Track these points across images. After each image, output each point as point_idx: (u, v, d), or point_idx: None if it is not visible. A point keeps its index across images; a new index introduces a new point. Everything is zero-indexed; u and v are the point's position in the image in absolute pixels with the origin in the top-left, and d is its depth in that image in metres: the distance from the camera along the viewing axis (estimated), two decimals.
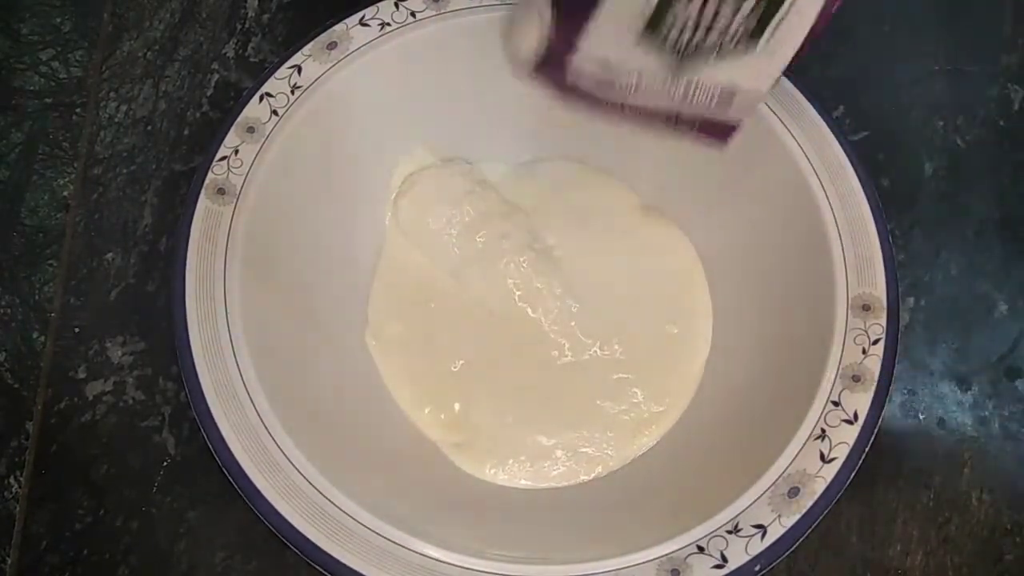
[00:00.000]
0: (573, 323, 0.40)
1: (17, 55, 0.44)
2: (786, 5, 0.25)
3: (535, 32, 0.27)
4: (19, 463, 0.37)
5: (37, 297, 0.39)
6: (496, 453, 0.38)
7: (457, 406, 0.39)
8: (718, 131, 0.31)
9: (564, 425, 0.39)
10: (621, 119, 0.31)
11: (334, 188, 0.39)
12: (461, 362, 0.40)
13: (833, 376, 0.34)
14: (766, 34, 0.25)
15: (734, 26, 0.25)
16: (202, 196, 0.36)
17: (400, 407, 0.39)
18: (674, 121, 0.30)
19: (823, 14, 0.25)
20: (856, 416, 0.33)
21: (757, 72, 0.27)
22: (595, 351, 0.40)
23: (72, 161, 0.42)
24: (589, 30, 0.25)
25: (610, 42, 0.26)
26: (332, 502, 0.32)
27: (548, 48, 0.27)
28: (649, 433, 0.38)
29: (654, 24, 0.25)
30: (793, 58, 0.27)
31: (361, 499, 0.32)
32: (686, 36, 0.25)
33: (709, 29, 0.25)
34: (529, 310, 0.40)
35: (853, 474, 0.32)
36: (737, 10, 0.24)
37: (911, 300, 0.40)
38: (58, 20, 0.45)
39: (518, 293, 0.40)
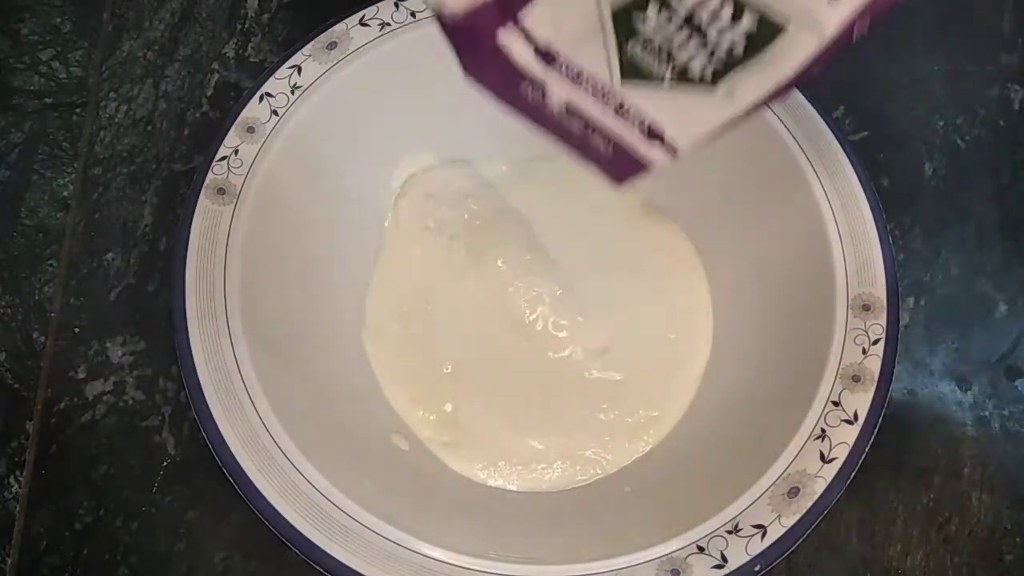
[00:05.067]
0: (571, 325, 0.40)
1: (17, 55, 0.44)
2: (764, 58, 0.22)
3: None
4: (19, 463, 0.37)
5: (37, 297, 0.39)
6: (486, 454, 0.38)
7: (449, 407, 0.39)
8: (623, 165, 0.27)
9: (560, 428, 0.39)
10: (525, 117, 0.27)
11: (334, 188, 0.39)
12: (455, 363, 0.40)
13: (833, 376, 0.34)
14: (726, 81, 0.23)
15: (697, 65, 0.23)
16: (202, 196, 0.36)
17: (393, 407, 0.39)
18: (585, 138, 0.26)
19: (796, 77, 0.23)
20: (856, 416, 0.33)
21: (698, 115, 0.24)
22: (593, 354, 0.40)
23: (72, 161, 0.42)
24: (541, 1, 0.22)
25: (560, 25, 0.22)
26: (332, 502, 0.32)
27: (480, 9, 0.22)
28: (647, 437, 0.38)
29: (622, 16, 0.22)
30: (744, 114, 0.24)
31: (361, 499, 0.32)
32: (656, 45, 0.22)
33: (673, 53, 0.22)
34: (528, 312, 0.40)
35: (853, 474, 0.32)
36: (717, 42, 0.22)
37: (911, 300, 0.40)
38: (58, 20, 0.45)
39: (517, 295, 0.40)
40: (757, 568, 0.31)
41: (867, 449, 0.32)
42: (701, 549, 0.31)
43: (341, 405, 0.37)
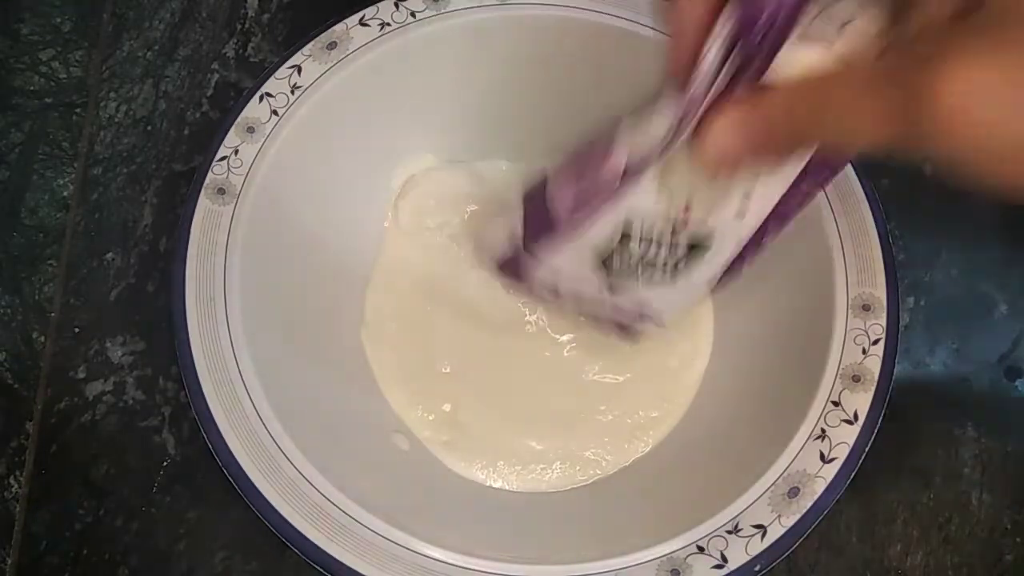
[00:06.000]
0: (571, 326, 0.40)
1: (17, 55, 0.44)
2: (703, 259, 0.31)
3: (503, 238, 0.34)
4: (19, 463, 0.37)
5: (37, 297, 0.39)
6: (485, 454, 0.38)
7: (448, 406, 0.39)
8: (625, 331, 0.37)
9: (559, 429, 0.39)
10: (553, 305, 0.38)
11: (334, 188, 0.39)
12: (454, 363, 0.40)
13: (833, 376, 0.34)
14: (682, 276, 0.32)
15: (661, 266, 0.31)
16: (202, 196, 0.36)
17: (392, 407, 0.39)
18: (596, 317, 0.37)
19: (732, 269, 0.32)
20: (856, 416, 0.33)
21: (670, 299, 0.34)
22: (593, 355, 0.40)
23: (72, 161, 0.42)
24: (552, 250, 0.32)
25: (566, 260, 0.32)
26: (332, 502, 0.32)
27: (512, 253, 0.34)
28: (647, 437, 0.38)
29: (606, 258, 0.31)
30: (715, 288, 0.33)
31: (361, 499, 0.32)
32: (626, 267, 0.31)
33: (646, 265, 0.31)
34: (527, 312, 0.40)
35: (853, 474, 0.32)
36: (667, 257, 0.31)
37: (911, 300, 0.40)
38: (58, 20, 0.45)
39: (515, 295, 0.40)
40: (757, 568, 0.31)
41: (867, 449, 0.32)
42: (701, 549, 0.31)
43: (341, 405, 0.37)
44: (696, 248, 0.30)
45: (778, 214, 0.30)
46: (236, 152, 0.36)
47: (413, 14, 0.39)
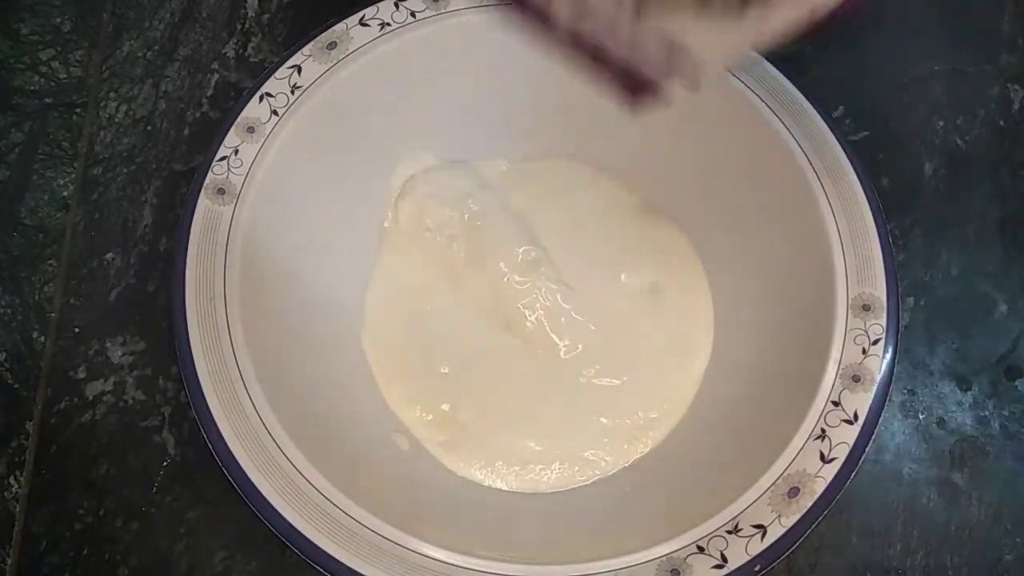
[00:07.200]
0: (570, 326, 0.40)
1: (17, 55, 0.44)
2: None
3: None
4: (19, 463, 0.37)
5: (37, 297, 0.39)
6: (484, 454, 0.38)
7: (446, 406, 0.39)
8: (638, 88, 0.27)
9: (558, 430, 0.39)
10: (548, 41, 0.28)
11: (334, 188, 0.39)
12: (453, 363, 0.40)
13: (833, 376, 0.34)
14: (754, 9, 0.23)
15: None
16: (202, 196, 0.36)
17: (391, 406, 0.39)
18: (605, 57, 0.27)
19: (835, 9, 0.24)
20: (856, 416, 0.33)
21: (718, 42, 0.24)
22: (592, 355, 0.40)
23: (72, 161, 0.42)
24: None
25: None
26: (332, 502, 0.32)
27: None
28: (647, 438, 0.38)
29: None
30: (775, 40, 0.25)
31: (360, 499, 0.32)
32: None
33: None
34: (527, 312, 0.40)
35: (853, 474, 0.32)
36: None
37: (911, 300, 0.40)
38: (58, 20, 0.45)
39: (515, 295, 0.40)
40: (757, 568, 0.31)
41: (867, 449, 0.32)
42: (701, 549, 0.31)
43: (340, 405, 0.37)
44: None
45: None
46: (236, 152, 0.36)
47: (413, 14, 0.39)
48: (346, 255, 0.40)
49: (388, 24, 0.39)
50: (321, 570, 0.31)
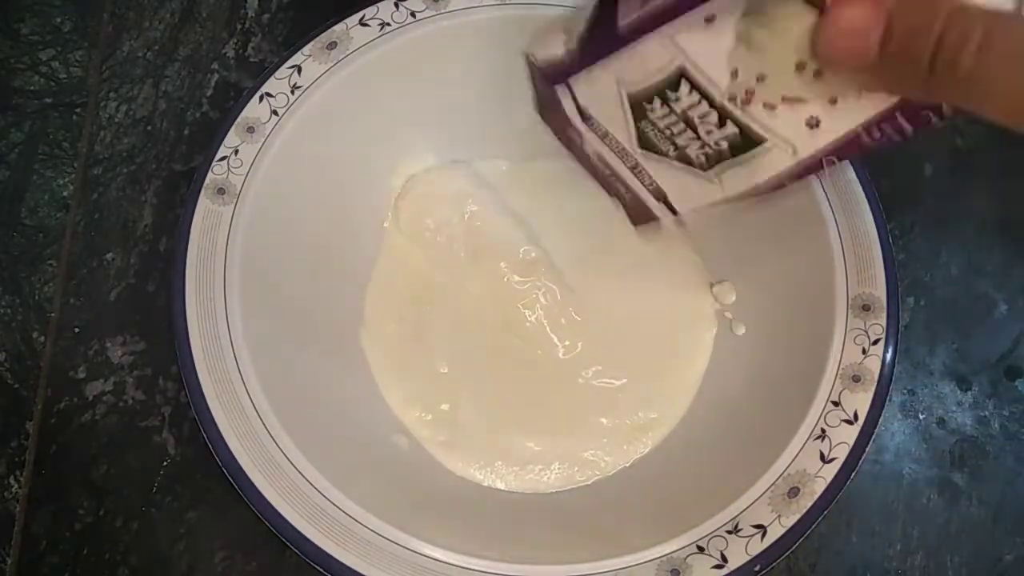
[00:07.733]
0: (570, 326, 0.40)
1: (17, 55, 0.44)
2: (749, 159, 0.27)
3: (559, 42, 0.29)
4: (19, 463, 0.37)
5: (37, 297, 0.39)
6: (483, 454, 0.38)
7: (446, 406, 0.39)
8: (640, 212, 0.33)
9: (558, 430, 0.38)
10: (573, 153, 0.34)
11: (334, 188, 0.39)
12: (453, 363, 0.40)
13: (833, 376, 0.34)
14: (718, 169, 0.28)
15: (702, 139, 0.27)
16: (202, 196, 0.36)
17: (390, 406, 0.39)
18: (612, 182, 0.33)
19: (773, 184, 0.28)
20: (856, 416, 0.33)
21: (694, 192, 0.29)
22: (592, 355, 0.40)
23: (72, 161, 0.42)
24: (598, 66, 0.28)
25: (595, 96, 0.29)
26: (332, 502, 0.32)
27: (563, 59, 0.29)
28: (646, 439, 0.38)
29: (636, 104, 0.28)
30: (735, 199, 0.29)
31: (360, 499, 0.32)
32: (664, 126, 0.28)
33: (686, 127, 0.27)
34: (527, 313, 0.40)
35: (853, 474, 0.32)
36: (714, 131, 0.27)
37: (911, 300, 0.40)
38: (58, 20, 0.45)
39: (515, 295, 0.40)
40: (757, 568, 0.31)
41: (867, 449, 0.32)
42: (701, 549, 0.31)
43: (340, 405, 0.37)
44: (746, 140, 0.26)
45: (848, 144, 0.25)
46: (236, 152, 0.36)
47: (413, 14, 0.39)
48: (346, 255, 0.40)
49: (388, 24, 0.39)
50: (321, 570, 0.31)
